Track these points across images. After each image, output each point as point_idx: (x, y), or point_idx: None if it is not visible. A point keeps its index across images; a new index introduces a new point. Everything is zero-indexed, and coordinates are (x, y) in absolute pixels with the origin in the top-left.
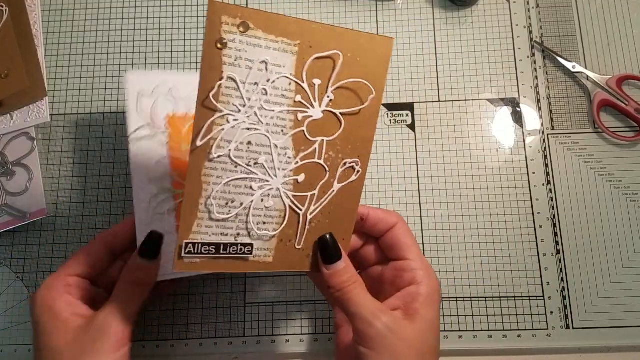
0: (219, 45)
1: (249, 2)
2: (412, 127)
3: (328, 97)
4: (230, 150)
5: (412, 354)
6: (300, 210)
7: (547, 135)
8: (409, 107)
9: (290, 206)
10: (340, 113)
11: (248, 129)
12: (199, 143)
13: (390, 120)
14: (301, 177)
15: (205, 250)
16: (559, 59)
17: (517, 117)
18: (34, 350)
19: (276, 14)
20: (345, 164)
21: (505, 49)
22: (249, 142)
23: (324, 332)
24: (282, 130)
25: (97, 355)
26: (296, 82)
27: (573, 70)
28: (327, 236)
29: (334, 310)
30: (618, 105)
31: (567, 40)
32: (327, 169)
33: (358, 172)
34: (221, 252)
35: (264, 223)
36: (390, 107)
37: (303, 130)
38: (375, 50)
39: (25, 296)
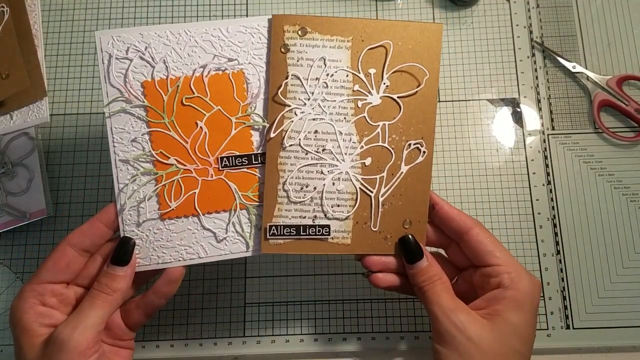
0: (282, 50)
1: (249, 11)
2: None
3: (384, 83)
4: (300, 139)
5: (481, 354)
6: (371, 192)
7: (548, 135)
8: None
9: (360, 188)
10: (398, 97)
11: (314, 119)
12: (272, 135)
13: None
14: (368, 161)
15: (287, 232)
16: (559, 59)
17: (517, 117)
18: None
19: (329, 17)
20: (409, 145)
21: (506, 49)
22: (316, 131)
23: (324, 332)
24: (345, 118)
25: None
26: (353, 73)
27: (573, 70)
28: (409, 236)
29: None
30: (618, 106)
31: (567, 40)
32: (393, 152)
33: (424, 152)
34: (301, 233)
35: (338, 205)
36: None
37: (364, 117)
38: (425, 36)
39: None
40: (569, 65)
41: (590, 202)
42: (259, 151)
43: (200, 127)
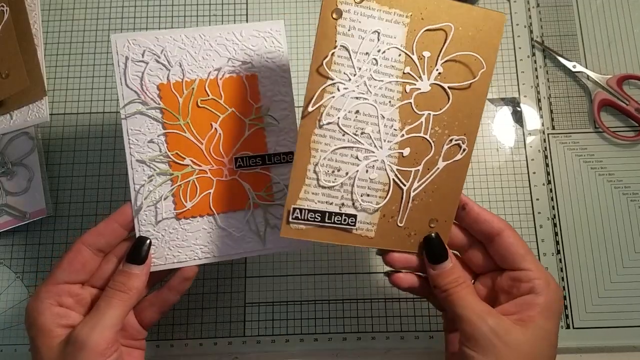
0: (334, 15)
1: (249, 9)
2: None
3: (437, 70)
4: (339, 118)
5: None
6: (404, 185)
7: (548, 134)
8: None
9: (394, 180)
10: (449, 87)
11: (357, 98)
12: (310, 109)
13: None
14: (406, 151)
15: (311, 217)
16: (560, 58)
17: (518, 117)
18: None
19: None
20: (451, 140)
21: (506, 48)
22: (357, 112)
23: (324, 332)
24: (390, 102)
25: None
26: (406, 54)
27: (573, 69)
28: (433, 235)
29: (443, 313)
30: (618, 105)
31: (568, 40)
32: (433, 145)
33: (464, 150)
34: (326, 220)
35: (368, 195)
36: None
37: (410, 103)
38: (487, 25)
39: (25, 296)
40: (569, 64)
41: (591, 201)
42: (272, 152)
43: (215, 129)
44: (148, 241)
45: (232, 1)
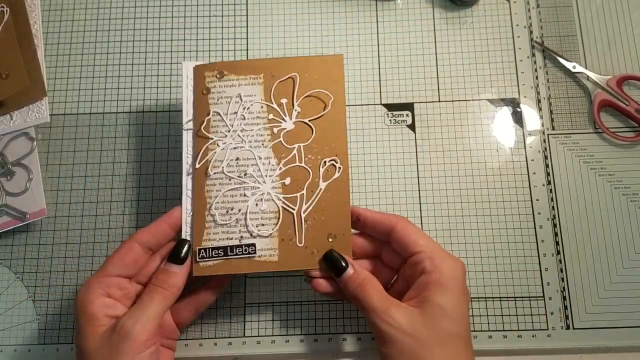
0: (204, 92)
1: (249, 10)
2: (412, 127)
3: (296, 110)
4: (223, 167)
5: (421, 344)
6: (293, 209)
7: (548, 135)
8: (409, 107)
9: (282, 207)
10: (309, 120)
11: (235, 148)
12: (197, 166)
13: (390, 120)
14: (287, 180)
15: (215, 254)
16: (559, 59)
17: (518, 117)
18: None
19: (241, 60)
20: (324, 162)
21: (506, 49)
22: (237, 158)
23: (324, 332)
24: (263, 144)
25: (119, 358)
26: (266, 104)
27: (573, 70)
28: (331, 252)
29: None
30: (618, 106)
31: (568, 40)
32: (310, 170)
33: (339, 168)
34: (229, 254)
35: (263, 225)
36: (390, 107)
37: (280, 141)
38: (327, 66)
39: (24, 296)
40: (569, 65)
41: (591, 202)
42: None
43: None
44: (188, 244)
45: (232, 1)
